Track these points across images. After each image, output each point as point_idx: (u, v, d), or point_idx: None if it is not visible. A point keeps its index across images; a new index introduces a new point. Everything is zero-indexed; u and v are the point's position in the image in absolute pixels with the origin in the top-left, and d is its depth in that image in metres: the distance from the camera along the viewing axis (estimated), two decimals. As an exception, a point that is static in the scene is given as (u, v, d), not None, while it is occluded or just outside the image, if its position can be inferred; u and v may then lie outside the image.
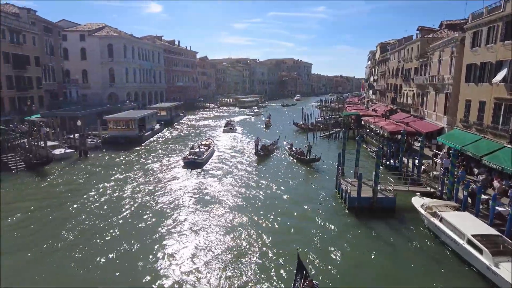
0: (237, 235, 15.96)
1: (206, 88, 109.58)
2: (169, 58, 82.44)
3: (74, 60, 57.79)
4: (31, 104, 42.53)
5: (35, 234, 16.10)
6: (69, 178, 25.86)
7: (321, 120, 54.42)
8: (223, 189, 22.81)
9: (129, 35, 65.54)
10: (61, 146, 32.96)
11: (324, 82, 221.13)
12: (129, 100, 60.02)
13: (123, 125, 39.49)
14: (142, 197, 21.39)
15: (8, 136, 31.87)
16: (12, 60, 39.65)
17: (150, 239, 15.57)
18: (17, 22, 41.29)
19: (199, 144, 35.11)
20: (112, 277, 12.56)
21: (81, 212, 19.01)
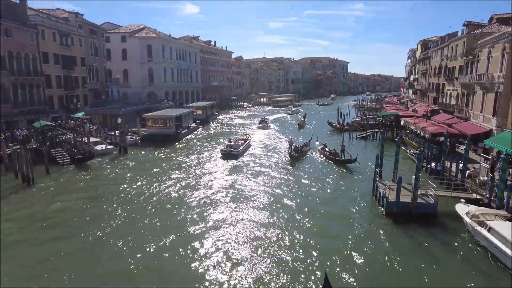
0: (265, 236, 15.67)
1: (240, 87, 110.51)
2: (205, 58, 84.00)
3: (115, 60, 60.59)
4: (77, 102, 45.02)
5: (77, 222, 17.07)
6: (109, 172, 27.16)
7: (357, 120, 52.86)
8: (255, 187, 22.80)
9: (167, 36, 67.51)
10: (103, 142, 34.59)
11: (361, 81, 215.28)
12: (166, 99, 61.92)
13: (161, 123, 40.77)
14: (177, 190, 22.23)
15: (56, 132, 34.04)
16: (61, 61, 42.18)
17: (180, 230, 16.16)
18: (66, 26, 43.84)
19: (236, 138, 37.79)
20: (144, 266, 13.00)
21: (119, 204, 19.92)
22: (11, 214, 18.38)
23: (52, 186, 23.48)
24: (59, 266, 13.22)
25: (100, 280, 12.31)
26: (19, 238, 15.67)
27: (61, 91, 42.49)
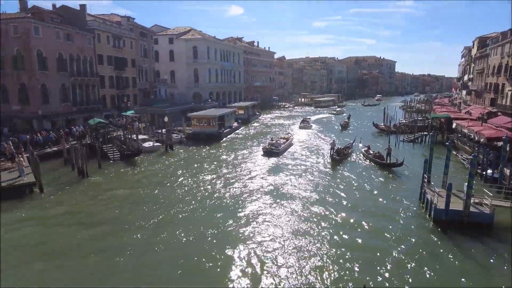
0: (301, 240, 15.31)
1: (282, 87, 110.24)
2: (248, 58, 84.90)
3: (163, 61, 63.31)
4: (127, 102, 47.67)
5: (122, 212, 18.12)
6: (155, 168, 28.46)
7: (405, 122, 50.46)
8: (295, 188, 22.61)
9: (212, 37, 69.19)
10: (150, 139, 36.29)
11: (409, 81, 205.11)
12: (210, 99, 63.51)
13: (204, 122, 41.94)
14: (218, 187, 22.92)
15: (108, 129, 36.34)
16: (114, 63, 44.93)
17: (218, 226, 16.52)
18: (119, 29, 46.61)
19: (279, 137, 38.57)
20: (184, 259, 13.46)
21: (164, 198, 20.91)
22: (68, 202, 20.07)
23: (103, 179, 25.19)
24: (102, 244, 14.57)
25: (135, 265, 13.03)
26: (74, 222, 17.40)
27: (113, 91, 45.23)
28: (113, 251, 14.36)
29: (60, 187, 22.93)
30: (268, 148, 32.90)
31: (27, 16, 33.65)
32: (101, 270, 13.04)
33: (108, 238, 15.73)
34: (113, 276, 12.66)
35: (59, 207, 19.56)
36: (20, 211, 18.78)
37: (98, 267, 13.27)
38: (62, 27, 36.62)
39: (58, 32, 35.93)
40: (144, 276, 12.61)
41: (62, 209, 19.26)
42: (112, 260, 13.67)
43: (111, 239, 15.61)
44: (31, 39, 32.79)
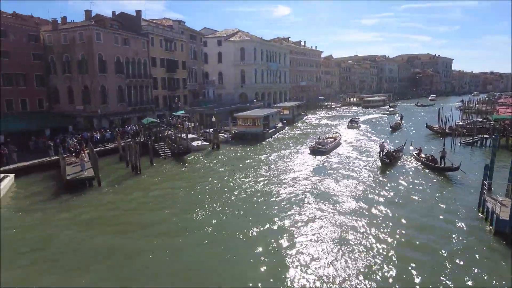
0: (344, 244, 14.71)
1: (329, 87, 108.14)
2: (294, 58, 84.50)
3: (212, 63, 65.22)
4: (178, 102, 49.79)
5: (172, 205, 19.03)
6: (203, 166, 29.47)
7: (462, 123, 47.02)
8: (340, 190, 22.04)
9: (259, 38, 69.87)
10: (199, 139, 37.59)
11: (468, 79, 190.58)
12: (256, 99, 64.22)
13: (250, 122, 42.54)
14: (262, 185, 23.25)
15: (160, 128, 38.28)
16: (166, 65, 47.16)
17: (261, 223, 16.69)
18: (171, 33, 48.81)
19: (326, 136, 38.95)
20: (218, 256, 13.78)
21: (211, 194, 21.75)
22: (122, 195, 21.58)
23: (154, 175, 26.63)
24: (150, 231, 15.63)
25: (178, 257, 13.58)
26: (129, 209, 18.72)
27: (165, 92, 47.49)
28: (160, 237, 15.24)
29: (115, 182, 24.65)
30: (315, 146, 33.37)
31: (91, 24, 36.54)
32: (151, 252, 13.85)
33: (158, 225, 16.74)
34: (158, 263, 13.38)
35: (115, 199, 21.12)
36: (82, 201, 20.53)
37: (150, 249, 14.17)
38: (120, 32, 39.24)
39: (117, 37, 38.55)
40: (189, 266, 13.16)
41: (117, 200, 20.81)
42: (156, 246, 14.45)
43: (161, 226, 16.56)
44: (93, 44, 35.56)
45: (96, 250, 14.70)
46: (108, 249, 14.76)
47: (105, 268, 13.34)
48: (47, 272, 13.15)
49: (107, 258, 14.08)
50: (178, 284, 12.27)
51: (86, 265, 13.47)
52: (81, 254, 14.41)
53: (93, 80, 36.25)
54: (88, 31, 35.55)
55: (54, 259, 14.13)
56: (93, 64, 35.91)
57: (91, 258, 14.00)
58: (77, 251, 14.70)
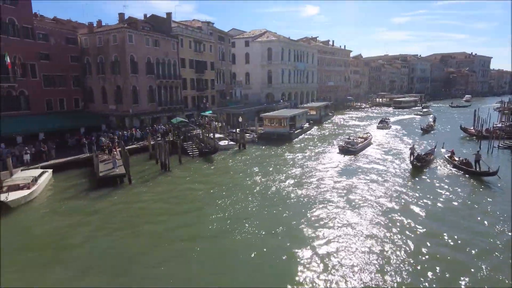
0: (370, 251, 14.16)
1: (358, 87, 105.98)
2: (322, 58, 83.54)
3: (239, 63, 65.76)
4: (206, 102, 50.60)
5: (199, 201, 19.40)
6: (229, 165, 29.83)
7: (501, 125, 44.55)
8: (368, 193, 21.53)
9: (286, 38, 69.66)
10: (226, 138, 38.03)
11: (508, 79, 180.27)
12: (282, 99, 64.09)
13: (276, 123, 42.52)
14: (287, 185, 23.28)
15: (188, 128, 39.09)
16: (195, 66, 48.08)
17: (286, 222, 16.67)
18: (200, 34, 49.69)
19: (356, 136, 39.05)
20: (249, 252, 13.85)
21: (237, 192, 22.02)
22: (152, 191, 22.27)
23: (183, 173, 27.26)
24: (175, 220, 16.09)
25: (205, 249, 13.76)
26: (160, 206, 19.48)
27: (193, 92, 48.41)
28: (186, 232, 15.58)
29: (146, 179, 25.44)
30: (344, 146, 33.70)
31: (124, 26, 37.91)
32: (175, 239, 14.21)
33: (185, 220, 17.09)
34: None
35: (145, 195, 21.84)
36: (113, 197, 21.40)
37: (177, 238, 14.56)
38: (151, 34, 40.42)
39: (148, 39, 39.75)
40: (218, 263, 13.38)
41: (147, 197, 21.51)
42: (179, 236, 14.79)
43: (187, 219, 16.92)
44: (126, 46, 36.87)
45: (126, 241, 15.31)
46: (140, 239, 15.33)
47: (137, 254, 13.83)
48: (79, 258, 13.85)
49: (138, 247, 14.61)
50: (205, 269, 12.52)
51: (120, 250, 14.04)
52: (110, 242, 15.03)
53: (125, 81, 37.59)
54: (121, 33, 36.91)
55: (72, 251, 14.84)
56: (125, 65, 37.24)
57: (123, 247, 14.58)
58: (107, 237, 15.38)
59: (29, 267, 13.54)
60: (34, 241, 15.96)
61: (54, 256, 14.48)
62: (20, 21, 31.91)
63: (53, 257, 14.44)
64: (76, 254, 14.59)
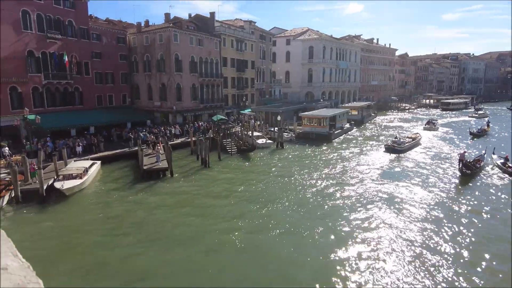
0: (411, 263, 13.48)
1: (403, 87, 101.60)
2: (365, 56, 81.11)
3: (280, 62, 65.67)
4: (245, 101, 51.18)
5: (239, 199, 19.73)
6: (267, 163, 29.98)
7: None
8: (412, 198, 20.58)
9: (328, 37, 68.42)
10: (264, 137, 38.23)
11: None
12: (323, 99, 63.08)
13: (315, 122, 41.98)
14: (326, 185, 22.97)
15: (228, 125, 39.78)
16: (236, 65, 48.79)
17: (324, 223, 16.30)
18: (242, 33, 50.30)
19: (404, 136, 39.24)
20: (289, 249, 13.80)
21: (274, 189, 22.08)
22: (193, 185, 23.01)
23: (222, 169, 27.88)
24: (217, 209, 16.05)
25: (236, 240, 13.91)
26: (200, 199, 19.77)
27: (234, 91, 49.17)
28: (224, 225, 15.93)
29: (187, 173, 26.32)
30: (390, 145, 33.85)
31: (169, 26, 39.38)
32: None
33: (223, 213, 17.52)
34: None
35: (186, 188, 22.69)
36: (156, 189, 22.41)
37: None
38: (195, 33, 41.61)
39: (192, 38, 40.96)
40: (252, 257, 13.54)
41: (188, 190, 22.36)
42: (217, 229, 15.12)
43: (225, 212, 17.32)
44: (171, 45, 38.28)
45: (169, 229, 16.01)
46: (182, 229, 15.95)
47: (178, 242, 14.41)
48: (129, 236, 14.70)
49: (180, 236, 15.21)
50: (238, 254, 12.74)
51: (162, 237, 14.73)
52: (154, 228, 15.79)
53: (169, 78, 39.05)
54: (167, 33, 38.37)
55: (127, 232, 15.75)
56: (170, 63, 38.68)
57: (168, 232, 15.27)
58: (149, 226, 16.26)
59: (107, 235, 16.02)
60: (99, 221, 17.40)
61: (121, 230, 16.37)
62: (78, 23, 34.29)
63: (122, 230, 16.37)
64: (137, 230, 16.24)
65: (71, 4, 33.48)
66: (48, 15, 31.49)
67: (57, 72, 32.44)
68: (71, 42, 33.71)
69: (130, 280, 12.23)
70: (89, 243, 15.14)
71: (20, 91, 29.99)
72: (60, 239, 15.43)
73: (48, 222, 17.23)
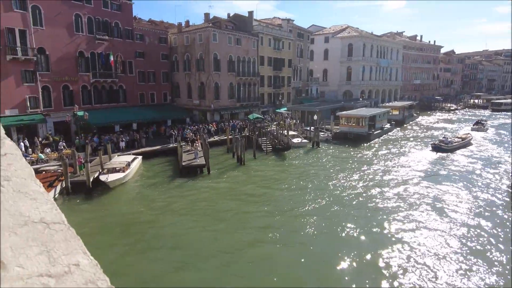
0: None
1: (448, 86, 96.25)
2: (407, 54, 77.79)
3: (317, 60, 64.74)
4: (281, 99, 51.07)
5: (273, 198, 19.79)
6: (303, 163, 29.78)
7: None
8: (459, 206, 19.51)
9: (369, 34, 66.43)
10: (299, 136, 37.94)
11: None
12: (362, 97, 61.39)
13: (353, 122, 40.95)
14: (365, 186, 22.50)
15: (263, 124, 39.95)
16: (273, 63, 48.81)
17: (362, 225, 15.95)
18: (280, 32, 50.17)
19: (453, 136, 38.67)
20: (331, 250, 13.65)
21: (309, 188, 22.03)
22: (229, 182, 23.46)
23: (257, 167, 28.11)
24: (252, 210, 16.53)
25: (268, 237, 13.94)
26: (235, 193, 20.03)
27: (270, 89, 49.24)
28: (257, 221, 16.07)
29: (223, 170, 26.83)
30: (437, 144, 33.80)
31: (209, 25, 40.22)
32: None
33: (259, 211, 17.67)
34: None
35: (223, 185, 23.24)
36: (194, 184, 23.12)
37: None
38: (233, 33, 42.16)
39: (230, 37, 41.55)
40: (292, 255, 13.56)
41: (225, 186, 22.93)
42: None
43: (262, 210, 17.47)
44: (210, 44, 39.10)
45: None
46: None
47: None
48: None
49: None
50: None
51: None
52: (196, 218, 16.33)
53: (208, 77, 39.92)
54: (206, 32, 39.22)
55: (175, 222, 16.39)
56: (209, 63, 39.52)
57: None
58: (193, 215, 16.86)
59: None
60: (141, 212, 18.29)
61: (165, 221, 16.89)
62: (123, 24, 36.05)
63: (166, 221, 17.14)
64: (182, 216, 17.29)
65: (118, 7, 35.25)
66: (97, 18, 33.40)
67: (103, 71, 34.37)
68: (117, 43, 35.50)
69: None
70: (137, 231, 16.07)
71: (71, 89, 32.14)
72: (108, 229, 16.40)
73: (95, 212, 18.39)
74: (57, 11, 30.03)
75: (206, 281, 12.10)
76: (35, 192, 1.26)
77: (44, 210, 1.18)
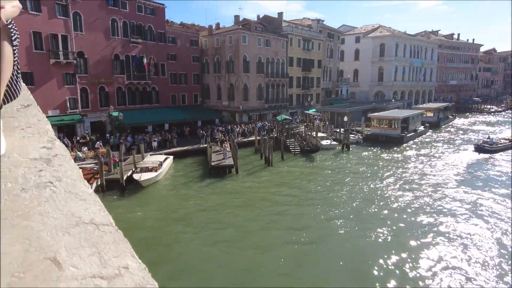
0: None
1: (488, 87, 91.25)
2: (443, 53, 74.57)
3: (348, 61, 63.48)
4: (310, 100, 50.55)
5: (301, 199, 19.61)
6: (332, 165, 29.26)
7: None
8: (497, 209, 18.45)
9: (401, 33, 64.38)
10: (328, 138, 37.34)
11: None
12: (394, 98, 59.53)
13: (385, 124, 39.78)
14: (397, 191, 21.78)
15: (291, 125, 39.68)
16: (302, 64, 48.43)
17: (392, 229, 15.30)
18: (309, 32, 49.71)
19: (500, 137, 37.85)
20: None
21: (339, 192, 21.69)
22: (257, 183, 23.55)
23: (285, 168, 27.98)
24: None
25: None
26: (263, 194, 20.15)
27: (299, 90, 48.89)
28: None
29: (251, 171, 26.93)
30: (480, 144, 33.41)
31: (238, 28, 40.58)
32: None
33: (288, 212, 17.56)
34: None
35: (251, 185, 23.33)
36: (223, 184, 23.43)
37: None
38: (263, 34, 42.26)
39: (259, 39, 41.68)
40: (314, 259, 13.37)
41: (253, 187, 22.98)
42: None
43: (290, 212, 17.36)
44: (240, 46, 39.42)
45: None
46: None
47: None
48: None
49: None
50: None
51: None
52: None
53: (237, 79, 40.26)
54: (236, 35, 39.57)
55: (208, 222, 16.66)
56: (238, 64, 39.86)
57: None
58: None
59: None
60: (174, 212, 18.81)
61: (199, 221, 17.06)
62: (156, 27, 37.14)
63: (201, 221, 17.14)
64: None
65: (151, 11, 36.37)
66: (132, 22, 34.64)
67: (137, 73, 35.56)
68: (150, 45, 36.61)
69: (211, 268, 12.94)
70: (169, 229, 16.58)
71: (107, 90, 33.52)
72: (143, 227, 16.91)
73: (130, 210, 19.01)
74: (95, 17, 31.45)
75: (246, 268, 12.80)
76: (84, 193, 1.28)
77: (93, 211, 1.21)
